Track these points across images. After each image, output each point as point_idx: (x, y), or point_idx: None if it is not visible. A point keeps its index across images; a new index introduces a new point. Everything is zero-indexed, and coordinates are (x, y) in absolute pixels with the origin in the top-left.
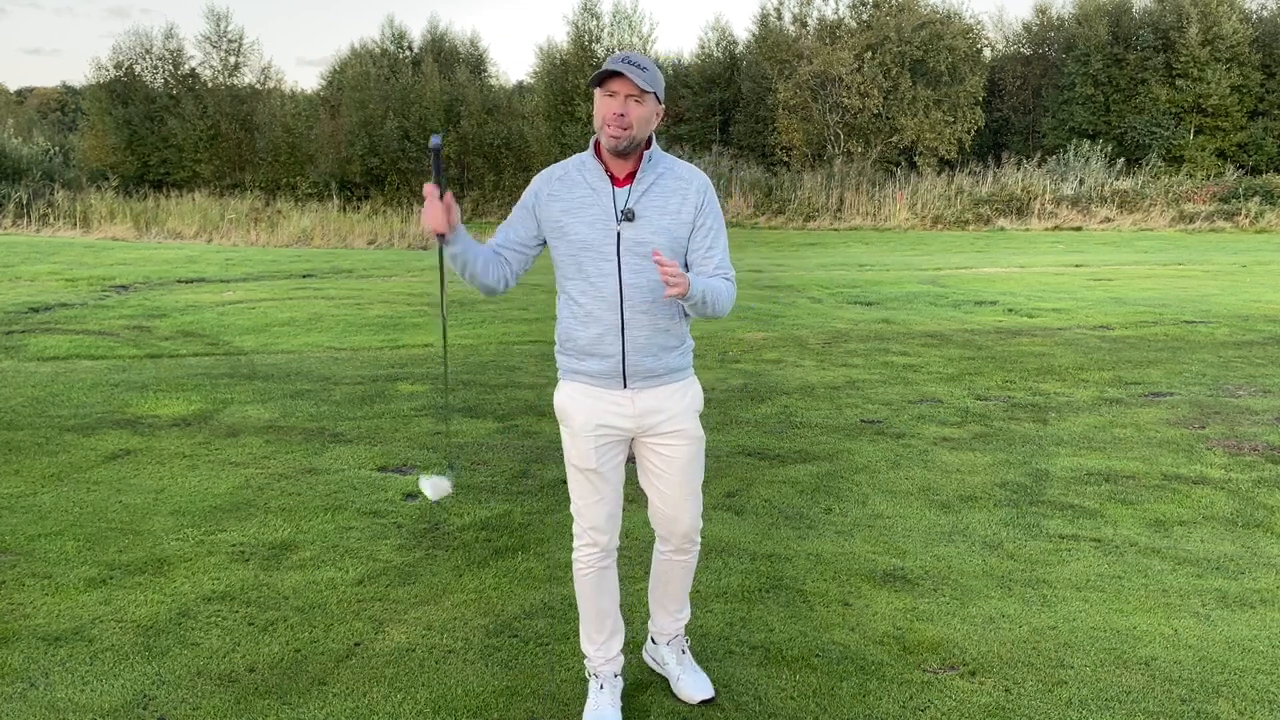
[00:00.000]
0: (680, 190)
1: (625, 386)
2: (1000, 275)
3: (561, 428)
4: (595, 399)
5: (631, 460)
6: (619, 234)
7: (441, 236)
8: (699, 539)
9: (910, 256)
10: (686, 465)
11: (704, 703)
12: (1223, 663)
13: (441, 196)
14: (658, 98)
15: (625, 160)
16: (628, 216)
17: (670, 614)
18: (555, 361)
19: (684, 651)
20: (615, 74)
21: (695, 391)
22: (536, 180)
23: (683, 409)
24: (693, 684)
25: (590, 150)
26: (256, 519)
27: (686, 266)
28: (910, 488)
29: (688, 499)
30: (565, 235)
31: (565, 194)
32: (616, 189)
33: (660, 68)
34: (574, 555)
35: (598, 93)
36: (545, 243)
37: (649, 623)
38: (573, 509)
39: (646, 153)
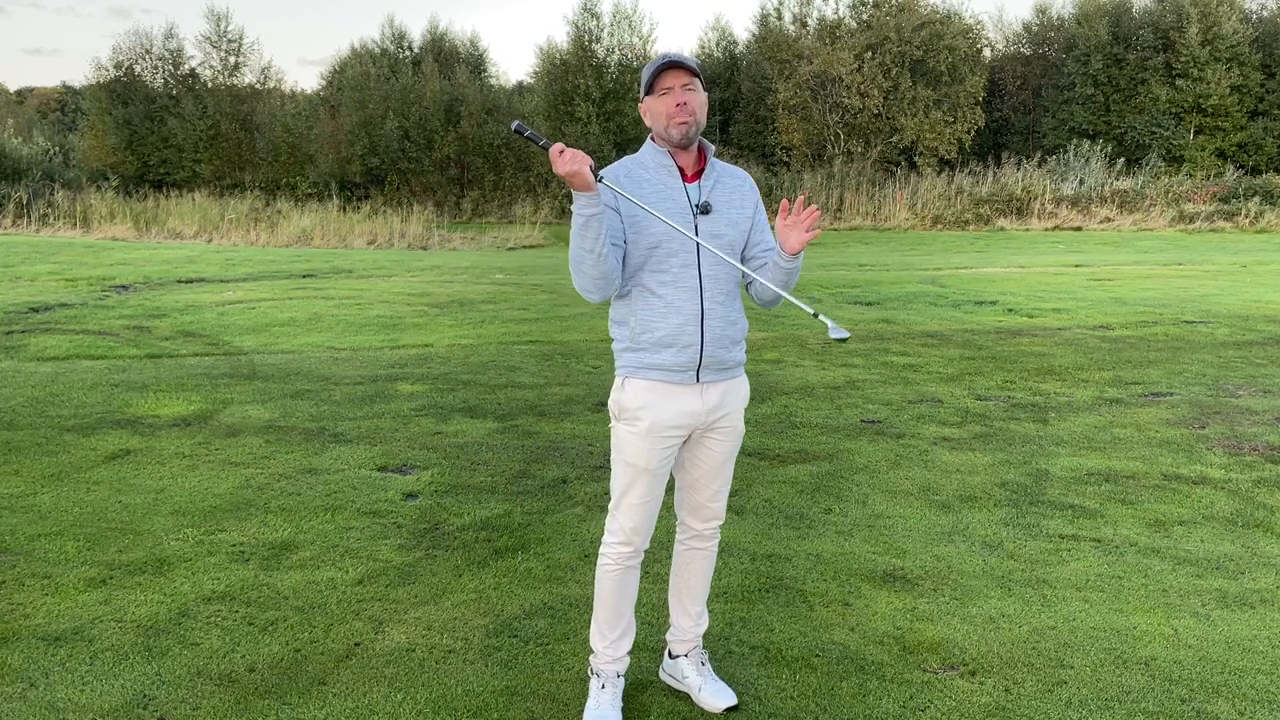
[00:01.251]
0: (739, 188)
1: (698, 381)
2: (1000, 275)
3: (622, 426)
4: (668, 399)
5: None
6: (696, 227)
7: (585, 179)
8: (718, 533)
9: (910, 256)
10: (727, 459)
11: (729, 710)
12: (1223, 663)
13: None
14: (703, 86)
15: (688, 155)
16: (704, 209)
17: (691, 616)
18: (616, 359)
19: (704, 663)
20: (666, 69)
21: (747, 388)
22: (606, 174)
23: (740, 404)
24: (715, 693)
25: (649, 145)
26: (256, 519)
27: (744, 258)
28: (910, 488)
29: (722, 489)
30: (643, 230)
31: (637, 190)
32: (687, 184)
33: None
34: (603, 550)
35: (650, 99)
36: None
37: (667, 633)
38: (614, 505)
39: (709, 148)
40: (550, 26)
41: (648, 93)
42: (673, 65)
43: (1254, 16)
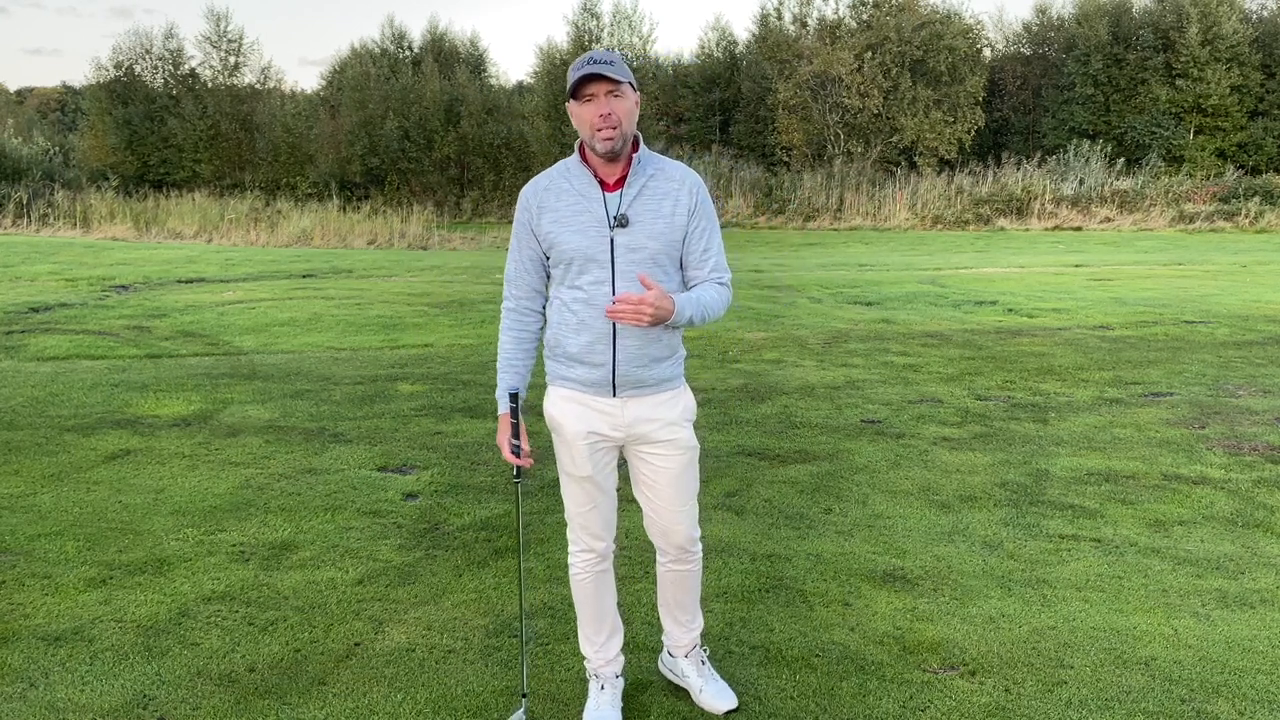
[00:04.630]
0: (673, 193)
1: (615, 395)
2: (1000, 275)
3: (553, 436)
4: (584, 406)
5: (624, 464)
6: (612, 241)
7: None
8: (698, 548)
9: (910, 256)
10: (678, 476)
11: (729, 713)
12: (1223, 663)
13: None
14: (633, 87)
15: (615, 164)
16: (621, 223)
17: (682, 625)
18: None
19: (703, 662)
20: (589, 78)
21: (687, 401)
22: (523, 196)
23: (674, 418)
24: (716, 694)
25: (576, 157)
26: (256, 519)
27: (681, 267)
28: (910, 488)
29: (681, 509)
30: (557, 246)
31: (554, 204)
32: (607, 194)
33: (660, 67)
34: (570, 560)
35: (574, 104)
36: None
37: (663, 635)
38: (567, 515)
39: (635, 155)
40: (550, 26)
41: (572, 96)
42: (596, 76)
43: (1254, 16)
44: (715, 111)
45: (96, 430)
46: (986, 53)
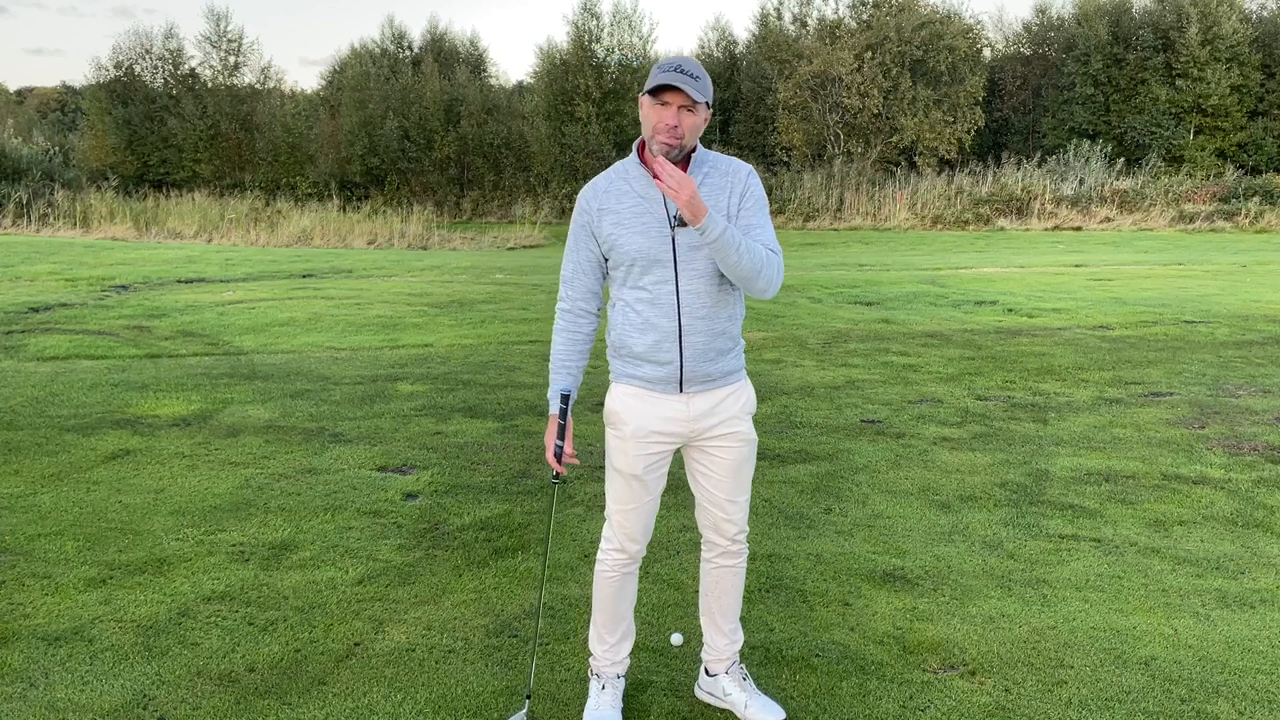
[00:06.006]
0: (726, 186)
1: (681, 391)
2: (1000, 275)
3: (609, 430)
4: (650, 404)
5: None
6: (674, 240)
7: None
8: (746, 541)
9: (910, 256)
10: (738, 468)
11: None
12: (1223, 663)
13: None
14: (708, 105)
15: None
16: (681, 222)
17: (724, 633)
18: (607, 364)
19: (745, 678)
20: (670, 86)
21: (749, 395)
22: (583, 197)
23: (736, 411)
24: (763, 708)
25: (634, 157)
26: (256, 519)
27: None
28: (910, 488)
29: (737, 500)
30: (618, 247)
31: (615, 205)
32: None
33: None
34: (600, 556)
35: (648, 99)
36: None
37: (702, 651)
38: (608, 513)
39: (694, 155)
40: (550, 26)
41: (649, 92)
42: (679, 88)
43: (1254, 16)
44: (715, 111)
45: (96, 430)
46: (986, 53)
